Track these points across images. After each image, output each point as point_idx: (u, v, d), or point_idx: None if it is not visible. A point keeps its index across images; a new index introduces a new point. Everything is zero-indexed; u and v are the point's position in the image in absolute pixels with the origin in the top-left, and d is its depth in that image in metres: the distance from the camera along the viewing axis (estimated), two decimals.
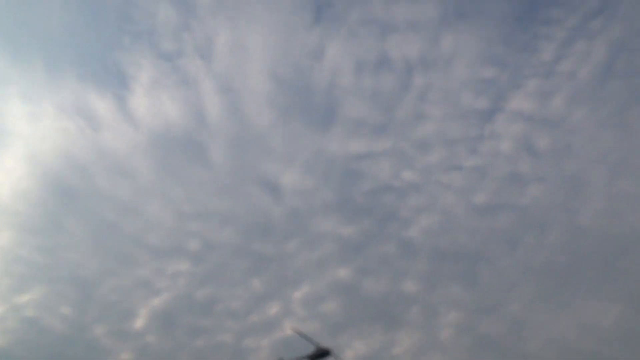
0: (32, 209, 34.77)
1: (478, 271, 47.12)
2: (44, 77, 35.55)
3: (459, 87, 56.13)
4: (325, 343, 25.81)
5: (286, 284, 47.40)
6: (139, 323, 36.95)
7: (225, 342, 42.93)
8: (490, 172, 52.76)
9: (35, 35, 35.74)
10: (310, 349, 27.14)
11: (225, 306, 43.08)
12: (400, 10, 52.50)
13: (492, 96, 55.11)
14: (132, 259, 39.43)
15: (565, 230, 47.78)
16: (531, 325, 42.90)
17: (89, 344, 35.23)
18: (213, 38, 41.73)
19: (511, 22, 56.06)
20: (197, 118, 46.44)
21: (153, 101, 40.22)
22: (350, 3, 47.69)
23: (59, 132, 35.38)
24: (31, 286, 34.73)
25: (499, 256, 47.82)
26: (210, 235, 44.25)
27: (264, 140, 48.87)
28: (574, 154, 51.56)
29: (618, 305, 41.00)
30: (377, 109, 56.98)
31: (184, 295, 40.76)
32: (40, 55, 35.81)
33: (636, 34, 52.17)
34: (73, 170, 37.52)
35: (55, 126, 35.69)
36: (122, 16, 38.33)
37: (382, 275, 49.52)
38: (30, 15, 35.21)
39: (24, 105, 35.01)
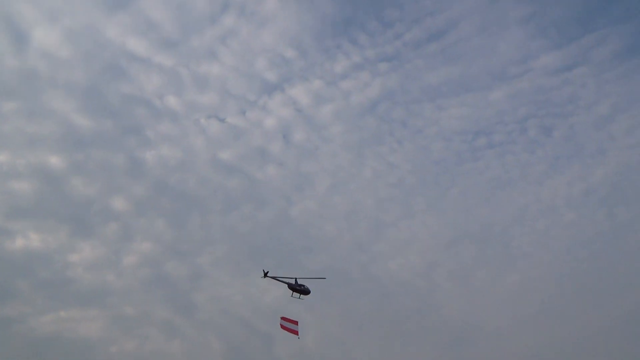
0: None
1: (190, 217, 48.42)
2: None
3: (260, 49, 56.40)
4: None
5: None
6: None
7: None
8: (244, 137, 54.43)
9: None
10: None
11: None
12: None
13: (281, 74, 56.94)
14: None
15: (277, 216, 51.96)
16: (208, 282, 45.07)
17: None
18: None
19: (329, 23, 59.62)
20: None
21: None
22: None
23: None
24: None
25: (214, 212, 49.32)
26: None
27: None
28: (315, 157, 56.74)
29: None
30: (177, 23, 52.84)
31: None
32: None
33: (404, 91, 59.80)
34: None
35: None
36: None
37: (96, 180, 46.11)
38: None
39: None
